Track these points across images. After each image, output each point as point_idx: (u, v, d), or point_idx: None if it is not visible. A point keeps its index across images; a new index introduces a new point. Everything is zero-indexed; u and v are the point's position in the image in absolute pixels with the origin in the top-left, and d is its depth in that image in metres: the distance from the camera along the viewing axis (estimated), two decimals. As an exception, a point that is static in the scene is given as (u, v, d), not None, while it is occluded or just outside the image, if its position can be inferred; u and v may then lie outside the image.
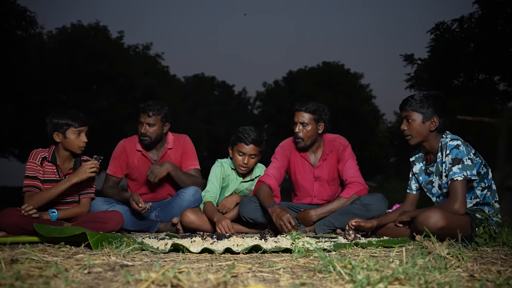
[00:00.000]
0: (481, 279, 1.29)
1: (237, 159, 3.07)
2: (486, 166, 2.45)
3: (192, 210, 2.97)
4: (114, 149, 3.29)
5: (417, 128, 2.45)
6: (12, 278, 1.14)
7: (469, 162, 2.29)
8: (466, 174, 2.25)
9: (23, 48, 11.94)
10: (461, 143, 2.34)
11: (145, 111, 3.13)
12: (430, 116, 2.42)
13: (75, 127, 2.66)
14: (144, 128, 3.13)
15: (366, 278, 1.14)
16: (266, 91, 26.31)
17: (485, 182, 2.41)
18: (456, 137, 2.41)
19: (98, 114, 15.55)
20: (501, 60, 7.69)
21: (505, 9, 7.31)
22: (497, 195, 2.51)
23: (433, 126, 2.42)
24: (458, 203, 2.23)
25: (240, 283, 1.18)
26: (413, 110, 2.45)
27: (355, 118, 22.67)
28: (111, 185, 3.24)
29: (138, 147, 3.24)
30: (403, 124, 2.51)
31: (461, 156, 2.29)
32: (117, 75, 15.87)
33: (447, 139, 2.40)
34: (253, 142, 3.03)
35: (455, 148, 2.32)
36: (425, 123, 2.43)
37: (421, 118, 2.44)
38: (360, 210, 2.90)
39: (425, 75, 8.60)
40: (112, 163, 3.26)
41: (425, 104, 2.42)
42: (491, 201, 2.42)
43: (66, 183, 2.63)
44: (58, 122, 2.67)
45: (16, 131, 12.99)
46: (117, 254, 1.70)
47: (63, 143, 2.69)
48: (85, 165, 2.67)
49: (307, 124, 3.06)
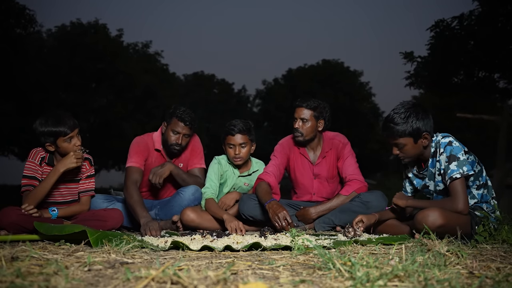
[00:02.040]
0: (480, 276, 1.29)
1: (229, 152, 3.11)
2: (480, 163, 2.42)
3: (192, 208, 2.98)
4: (133, 144, 3.12)
5: (410, 150, 2.35)
6: (13, 276, 1.14)
7: (464, 157, 2.27)
8: (463, 170, 2.24)
9: (23, 46, 11.92)
10: (453, 139, 2.32)
11: (186, 123, 3.00)
12: (420, 135, 2.31)
13: (63, 136, 2.58)
14: (180, 139, 3.02)
15: (365, 275, 1.14)
16: (265, 89, 26.29)
17: (479, 180, 2.38)
18: (446, 134, 2.37)
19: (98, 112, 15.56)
20: (501, 58, 7.68)
21: (505, 7, 7.29)
22: (495, 192, 2.51)
23: (426, 141, 2.34)
24: (462, 203, 2.21)
25: (240, 280, 1.18)
26: (400, 136, 2.32)
27: (354, 116, 22.67)
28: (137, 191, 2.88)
29: (156, 146, 3.15)
30: (394, 150, 2.39)
31: (455, 152, 2.27)
32: (117, 73, 15.86)
33: (438, 137, 2.36)
34: (239, 131, 3.06)
35: (448, 145, 2.30)
36: (417, 143, 2.33)
37: (412, 141, 2.32)
38: (359, 207, 2.90)
39: (424, 72, 8.58)
40: (134, 156, 3.06)
41: (410, 125, 2.29)
42: (488, 199, 2.41)
43: (56, 173, 2.58)
44: (45, 131, 2.56)
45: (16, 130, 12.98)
46: (117, 251, 1.70)
47: (58, 151, 2.67)
48: (71, 153, 2.60)
49: (307, 120, 3.07)
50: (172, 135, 3.03)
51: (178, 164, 3.21)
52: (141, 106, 16.57)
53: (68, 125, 2.59)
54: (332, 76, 23.79)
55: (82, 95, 15.11)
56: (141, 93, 16.46)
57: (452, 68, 8.25)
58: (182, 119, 3.00)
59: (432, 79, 8.57)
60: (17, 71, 11.85)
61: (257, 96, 27.39)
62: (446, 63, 8.13)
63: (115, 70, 15.82)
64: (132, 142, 3.15)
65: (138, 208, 2.71)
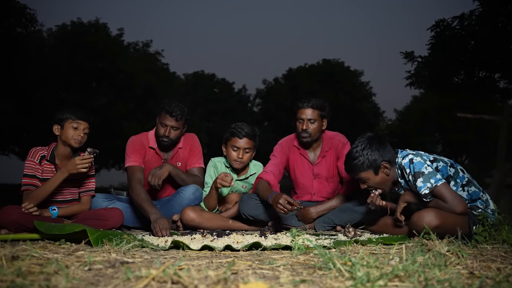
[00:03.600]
0: (480, 276, 1.29)
1: (232, 154, 3.07)
2: (453, 165, 2.41)
3: (192, 208, 2.98)
4: (129, 144, 3.15)
5: (376, 182, 2.39)
6: (13, 275, 1.14)
7: (429, 169, 2.26)
8: (431, 183, 2.23)
9: (23, 45, 11.92)
10: (413, 156, 2.32)
11: (171, 114, 3.05)
12: (378, 166, 2.34)
13: (72, 119, 2.70)
14: (168, 131, 3.06)
15: (366, 275, 1.14)
16: (266, 88, 26.26)
17: (458, 181, 2.37)
18: (405, 152, 2.38)
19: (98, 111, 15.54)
20: (501, 58, 7.68)
21: (506, 6, 7.29)
22: (495, 192, 2.50)
23: (387, 170, 2.37)
24: (456, 205, 2.19)
25: (240, 280, 1.18)
26: (359, 171, 2.37)
27: (355, 115, 22.65)
28: (143, 189, 2.88)
29: (151, 144, 3.18)
30: (361, 185, 2.43)
31: (418, 168, 2.28)
32: (117, 73, 15.85)
33: (399, 159, 2.37)
34: (246, 135, 3.04)
35: (410, 164, 2.31)
36: (378, 174, 2.37)
37: (372, 173, 2.36)
38: (360, 207, 2.90)
39: (425, 72, 8.58)
40: (132, 155, 3.09)
41: (366, 157, 2.33)
42: (479, 194, 2.38)
43: (59, 176, 2.61)
44: (59, 116, 2.74)
45: (16, 129, 12.99)
46: (117, 251, 1.70)
47: (61, 136, 2.71)
48: (76, 158, 2.62)
49: (314, 120, 3.07)
50: (161, 128, 3.08)
51: (177, 163, 3.21)
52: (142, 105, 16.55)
53: (82, 114, 2.75)
54: (332, 75, 23.77)
55: (82, 94, 15.10)
56: (142, 93, 16.44)
57: (453, 68, 8.24)
58: (168, 112, 3.05)
59: (433, 79, 8.57)
60: (17, 70, 11.85)
61: (257, 95, 27.35)
62: (447, 63, 8.13)
63: (116, 69, 15.81)
64: (128, 142, 3.18)
65: (146, 205, 2.72)
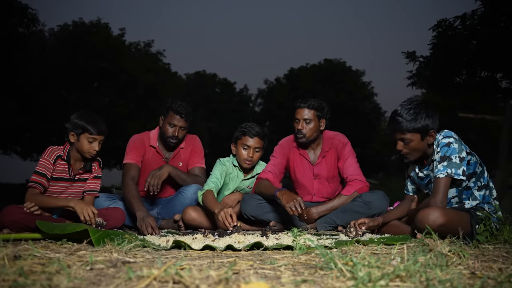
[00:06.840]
0: (482, 276, 1.29)
1: (242, 154, 3.06)
2: (482, 164, 2.40)
3: (193, 207, 2.98)
4: (130, 142, 3.18)
5: (416, 147, 2.34)
6: (15, 274, 1.14)
7: (457, 160, 2.24)
8: (450, 171, 2.22)
9: (25, 45, 11.95)
10: (454, 141, 2.29)
11: (181, 115, 3.07)
12: (427, 132, 2.31)
13: (89, 134, 2.65)
14: (177, 131, 3.09)
15: (367, 275, 1.14)
16: (267, 88, 26.27)
17: (481, 181, 2.37)
18: (449, 134, 2.34)
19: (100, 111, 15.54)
20: (503, 58, 7.66)
21: (508, 6, 7.28)
22: (497, 192, 2.50)
23: (432, 139, 2.34)
24: (438, 200, 2.21)
25: (242, 280, 1.18)
26: (408, 131, 2.30)
27: (356, 115, 22.64)
28: (135, 186, 2.91)
29: (152, 143, 3.19)
30: (399, 145, 2.36)
31: (449, 153, 2.26)
32: (119, 72, 15.87)
33: (440, 136, 2.35)
34: (257, 134, 3.05)
35: (445, 146, 2.29)
36: (424, 140, 2.33)
37: (419, 137, 2.31)
38: (361, 207, 2.90)
39: (427, 72, 8.57)
40: (130, 153, 3.10)
41: (419, 122, 2.28)
42: (489, 200, 2.39)
43: (65, 202, 2.57)
44: (77, 123, 2.66)
45: (18, 128, 13.01)
46: (119, 251, 1.70)
47: (76, 144, 2.70)
48: (87, 211, 2.47)
49: (310, 120, 3.07)
50: (169, 128, 3.09)
51: (178, 163, 3.21)
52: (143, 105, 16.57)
53: (99, 129, 2.67)
54: (334, 75, 23.76)
55: (84, 94, 15.13)
56: (143, 92, 16.45)
57: (455, 68, 8.23)
58: (178, 112, 3.07)
59: (434, 79, 8.56)
60: (19, 70, 11.88)
61: (259, 95, 27.36)
62: (449, 63, 8.12)
63: (117, 69, 15.83)
64: (129, 140, 3.21)
65: (135, 202, 2.74)
